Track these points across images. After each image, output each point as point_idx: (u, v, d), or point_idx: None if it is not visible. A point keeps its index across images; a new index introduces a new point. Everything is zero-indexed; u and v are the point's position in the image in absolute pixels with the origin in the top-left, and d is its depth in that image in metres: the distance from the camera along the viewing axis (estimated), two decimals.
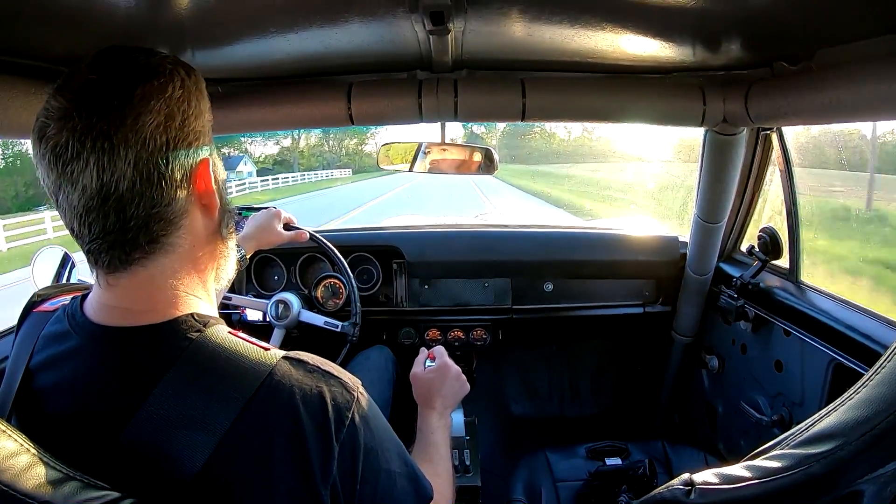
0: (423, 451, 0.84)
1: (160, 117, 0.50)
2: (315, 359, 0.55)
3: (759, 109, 1.11)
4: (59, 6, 0.65)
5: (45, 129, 0.48)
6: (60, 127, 0.47)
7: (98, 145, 0.47)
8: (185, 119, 0.52)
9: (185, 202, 0.53)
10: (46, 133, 0.48)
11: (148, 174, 0.49)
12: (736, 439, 1.59)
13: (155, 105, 0.50)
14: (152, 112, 0.49)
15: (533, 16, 0.81)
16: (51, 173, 0.49)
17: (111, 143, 0.47)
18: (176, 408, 0.47)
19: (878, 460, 0.51)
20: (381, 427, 0.58)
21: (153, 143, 0.49)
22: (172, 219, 0.53)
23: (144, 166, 0.49)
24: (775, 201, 1.45)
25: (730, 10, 0.77)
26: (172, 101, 0.51)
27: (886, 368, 0.54)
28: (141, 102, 0.49)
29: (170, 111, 0.51)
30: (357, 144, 21.83)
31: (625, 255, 1.82)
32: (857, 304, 1.18)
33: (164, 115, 0.50)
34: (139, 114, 0.49)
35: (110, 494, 0.43)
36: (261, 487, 0.47)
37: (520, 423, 2.16)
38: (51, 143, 0.48)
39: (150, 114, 0.49)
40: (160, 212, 0.51)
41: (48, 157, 0.48)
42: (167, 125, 0.50)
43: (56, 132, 0.47)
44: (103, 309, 0.54)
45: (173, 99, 0.51)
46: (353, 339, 1.48)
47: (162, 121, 0.50)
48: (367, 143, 24.63)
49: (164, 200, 0.51)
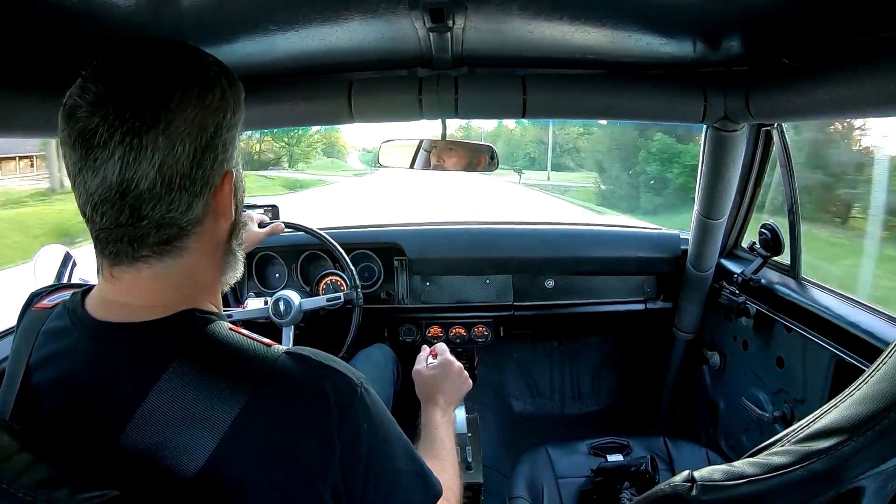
0: (428, 448, 0.84)
1: (193, 126, 0.49)
2: (318, 353, 0.54)
3: (759, 105, 1.11)
4: (58, 6, 0.65)
5: (76, 109, 0.47)
6: (92, 112, 0.47)
7: (127, 140, 0.47)
8: (217, 130, 0.52)
9: (201, 211, 0.53)
10: (77, 114, 0.47)
11: (170, 179, 0.49)
12: (738, 436, 1.59)
13: (191, 113, 0.49)
14: (186, 120, 0.49)
15: (533, 12, 0.80)
16: (73, 154, 0.48)
17: (140, 141, 0.47)
18: (177, 405, 0.47)
19: (881, 456, 0.51)
20: (386, 423, 0.57)
21: (181, 150, 0.49)
22: (185, 225, 0.52)
23: (168, 170, 0.48)
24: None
25: (731, 6, 0.77)
26: (209, 111, 0.51)
27: (888, 364, 0.54)
28: (178, 107, 0.48)
29: (204, 121, 0.50)
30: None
31: (626, 251, 1.82)
32: (859, 300, 1.18)
33: (198, 124, 0.50)
34: (173, 119, 0.48)
35: (111, 493, 0.43)
36: (262, 483, 0.47)
37: (522, 420, 2.17)
38: (79, 125, 0.47)
39: (184, 121, 0.49)
40: (175, 217, 0.51)
41: (74, 139, 0.48)
42: (199, 134, 0.50)
43: (87, 116, 0.47)
44: (104, 304, 0.53)
45: (210, 109, 0.51)
46: (358, 304, 1.51)
47: (194, 130, 0.49)
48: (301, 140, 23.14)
49: (180, 207, 0.50)
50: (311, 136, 24.71)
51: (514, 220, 2.02)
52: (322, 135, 25.94)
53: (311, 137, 24.75)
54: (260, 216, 1.41)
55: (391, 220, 2.09)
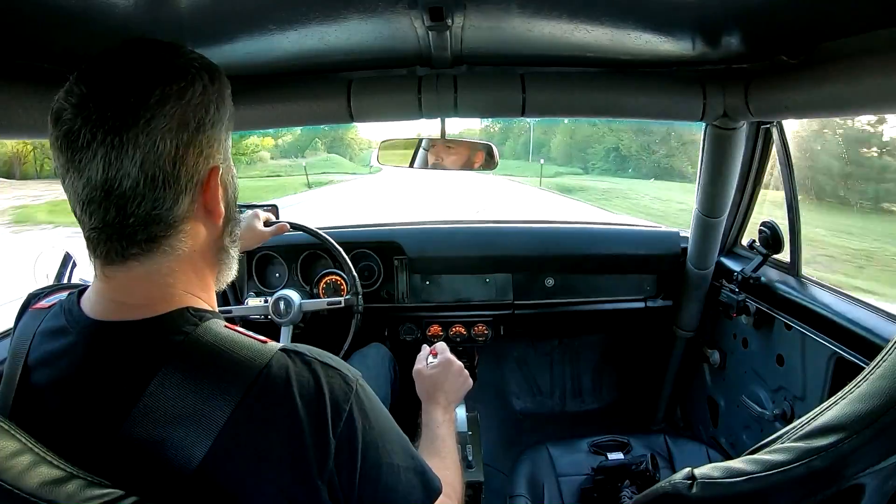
0: (429, 446, 0.84)
1: (173, 122, 0.50)
2: (313, 350, 0.54)
3: (759, 103, 1.11)
4: (58, 5, 0.64)
5: (61, 112, 0.48)
6: (76, 114, 0.48)
7: (108, 140, 0.47)
8: (200, 126, 0.52)
9: (188, 207, 0.53)
10: (62, 117, 0.48)
11: (153, 176, 0.49)
12: (738, 433, 1.59)
13: (170, 109, 0.49)
14: (167, 116, 0.49)
15: (532, 11, 0.80)
16: (60, 157, 0.49)
17: (121, 140, 0.47)
18: (172, 402, 0.47)
19: (880, 454, 0.51)
20: (383, 420, 0.57)
21: (163, 147, 0.49)
22: (173, 222, 0.52)
23: (150, 168, 0.49)
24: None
25: (730, 4, 0.77)
26: (189, 107, 0.51)
27: (887, 361, 0.54)
28: (157, 105, 0.49)
29: (184, 117, 0.50)
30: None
31: (625, 249, 1.82)
32: (859, 297, 1.18)
33: (178, 120, 0.50)
34: (153, 116, 0.48)
35: (113, 493, 0.43)
36: (258, 481, 0.47)
37: (522, 418, 2.17)
38: (64, 127, 0.48)
39: (164, 118, 0.49)
40: (161, 214, 0.51)
41: (60, 141, 0.49)
42: (180, 130, 0.50)
43: (71, 118, 0.48)
44: (99, 302, 0.53)
45: (191, 105, 0.51)
46: (358, 310, 1.51)
47: (175, 126, 0.50)
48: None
49: (166, 204, 0.51)
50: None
51: (514, 219, 2.01)
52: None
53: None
54: (266, 214, 1.41)
55: (392, 218, 2.09)
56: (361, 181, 20.90)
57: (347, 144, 28.81)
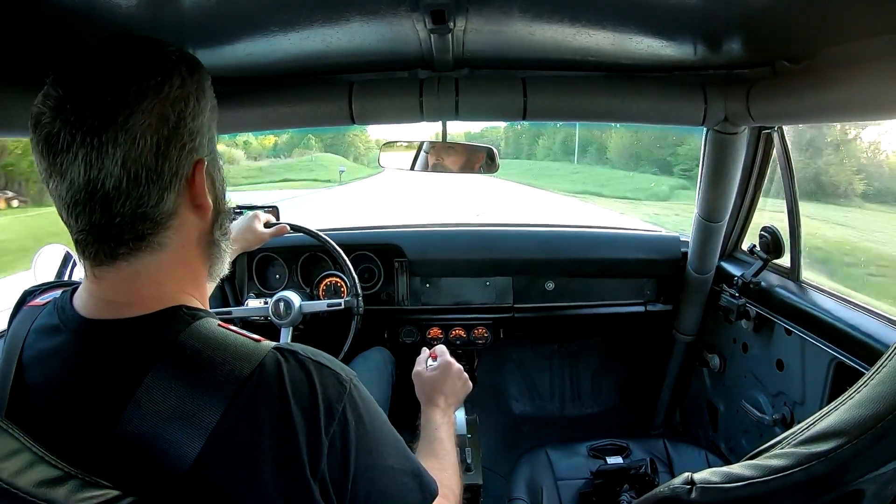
0: (428, 448, 0.83)
1: (152, 118, 0.49)
2: (307, 349, 0.54)
3: (760, 108, 1.11)
4: (59, 5, 0.65)
5: (40, 117, 0.48)
6: (54, 117, 0.47)
7: (88, 140, 0.47)
8: (181, 119, 0.51)
9: (175, 203, 0.52)
10: (41, 121, 0.48)
11: (136, 174, 0.49)
12: (737, 438, 1.59)
13: (148, 105, 0.49)
14: (145, 112, 0.48)
15: (534, 14, 0.81)
16: (42, 161, 0.49)
17: (100, 139, 0.47)
18: (165, 401, 0.46)
19: (880, 459, 0.51)
20: (377, 421, 0.56)
21: (143, 143, 0.48)
22: (160, 219, 0.52)
23: (132, 166, 0.48)
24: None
25: (731, 9, 0.77)
26: (168, 101, 0.50)
27: (887, 367, 0.54)
28: (134, 101, 0.48)
29: (163, 112, 0.50)
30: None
31: (626, 253, 1.82)
32: (859, 302, 1.18)
33: (157, 115, 0.49)
34: (131, 113, 0.48)
35: (110, 493, 0.43)
36: (251, 479, 0.46)
37: (521, 422, 2.17)
38: (44, 132, 0.48)
39: (142, 113, 0.48)
40: (147, 211, 0.50)
41: (41, 146, 0.48)
42: (159, 126, 0.49)
43: (50, 121, 0.47)
44: (91, 301, 0.53)
45: (169, 99, 0.50)
46: (358, 312, 1.50)
47: (154, 121, 0.49)
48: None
49: (151, 201, 0.50)
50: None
51: (514, 222, 2.01)
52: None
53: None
54: (266, 216, 1.41)
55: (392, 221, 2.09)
56: (328, 195, 16.60)
57: (350, 143, 27.98)
